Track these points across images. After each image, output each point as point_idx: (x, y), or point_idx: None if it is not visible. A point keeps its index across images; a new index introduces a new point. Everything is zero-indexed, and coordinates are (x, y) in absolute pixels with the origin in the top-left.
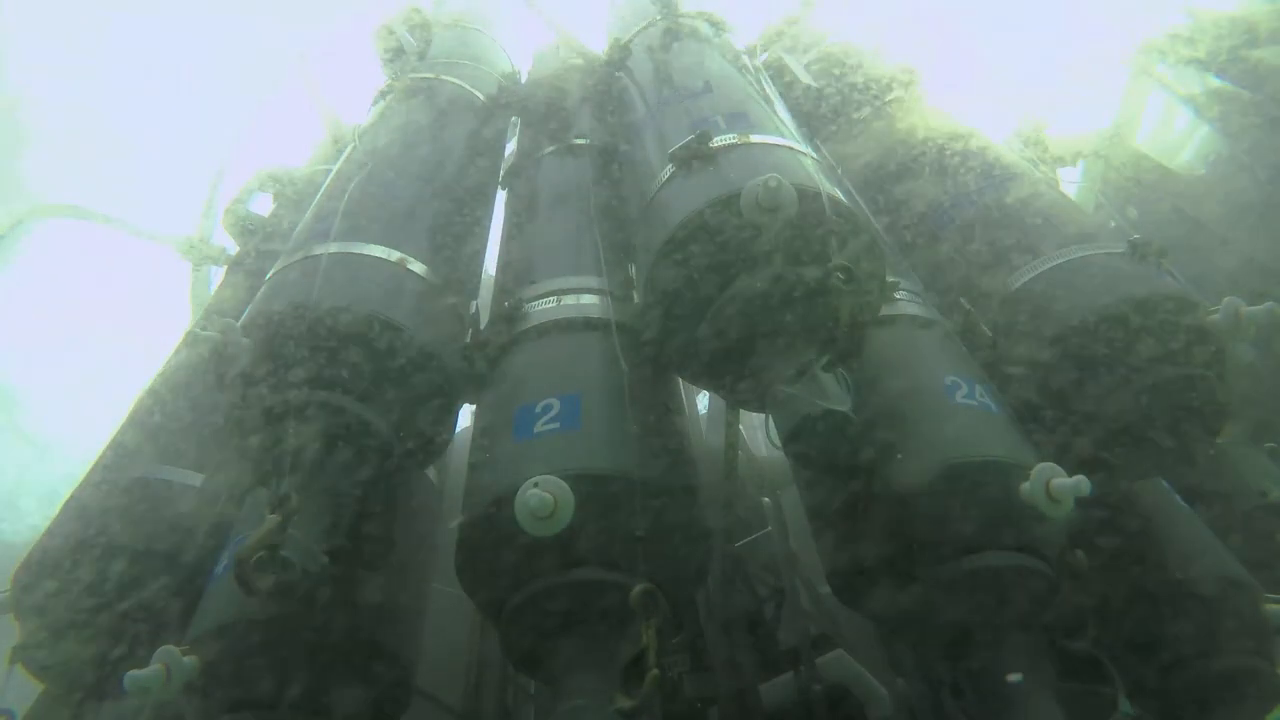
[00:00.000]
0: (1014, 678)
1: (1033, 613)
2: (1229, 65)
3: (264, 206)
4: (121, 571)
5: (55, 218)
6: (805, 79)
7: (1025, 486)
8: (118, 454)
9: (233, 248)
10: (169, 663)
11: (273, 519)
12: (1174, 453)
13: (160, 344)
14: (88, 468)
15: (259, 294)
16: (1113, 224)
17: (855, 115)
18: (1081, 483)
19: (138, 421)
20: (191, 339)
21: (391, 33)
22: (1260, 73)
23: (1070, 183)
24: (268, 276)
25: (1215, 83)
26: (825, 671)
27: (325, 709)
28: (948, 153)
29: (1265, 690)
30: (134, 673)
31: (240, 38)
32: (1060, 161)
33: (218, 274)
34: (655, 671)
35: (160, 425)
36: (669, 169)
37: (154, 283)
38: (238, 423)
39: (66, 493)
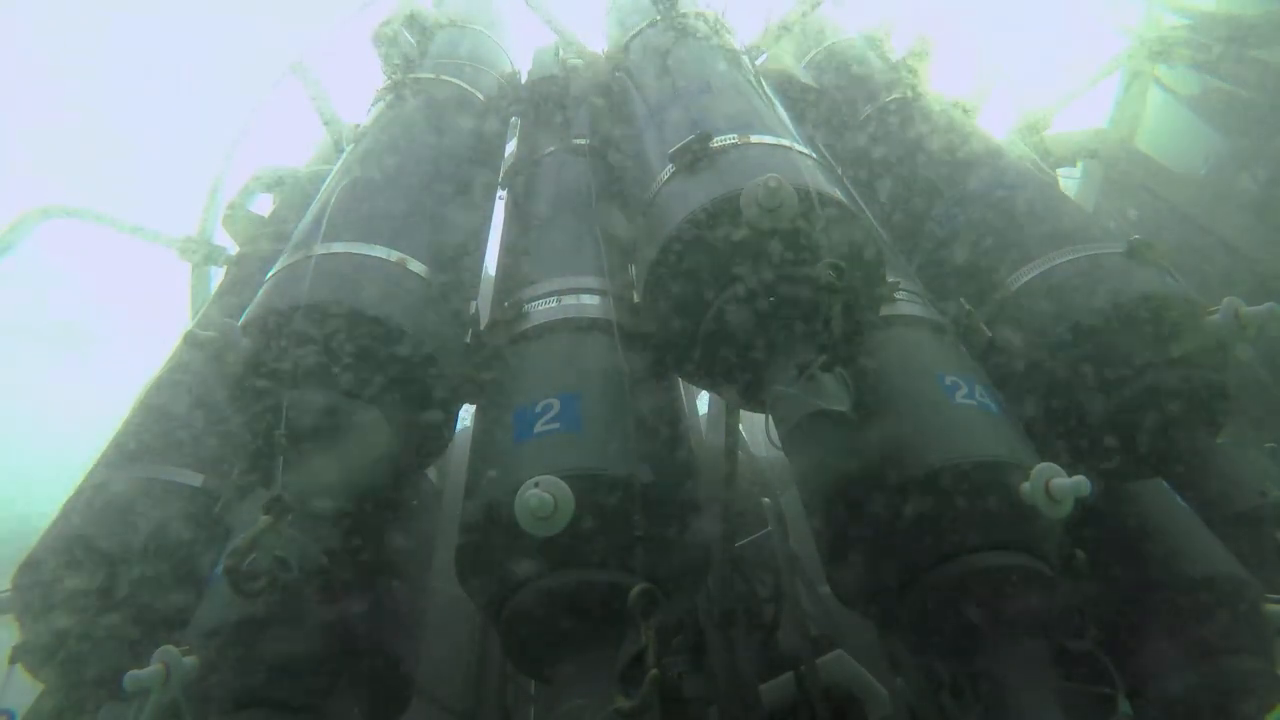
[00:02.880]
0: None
1: (1032, 612)
2: (1228, 65)
3: (264, 206)
4: (122, 572)
5: (57, 219)
6: (804, 79)
7: (1025, 487)
8: (117, 454)
9: (232, 248)
10: (169, 662)
11: (265, 520)
12: (1174, 453)
13: (160, 344)
14: (88, 468)
15: (259, 294)
16: (1112, 224)
17: (855, 115)
18: (1081, 483)
19: (137, 421)
20: (191, 339)
21: (391, 33)
22: (1259, 73)
23: (1070, 179)
24: (268, 276)
25: (1215, 83)
26: (825, 672)
27: (325, 709)
28: (947, 152)
29: (1265, 690)
30: (134, 672)
31: (240, 38)
32: (1060, 161)
33: (217, 274)
34: (655, 671)
35: (160, 425)
36: (669, 169)
37: (154, 283)
38: (236, 423)
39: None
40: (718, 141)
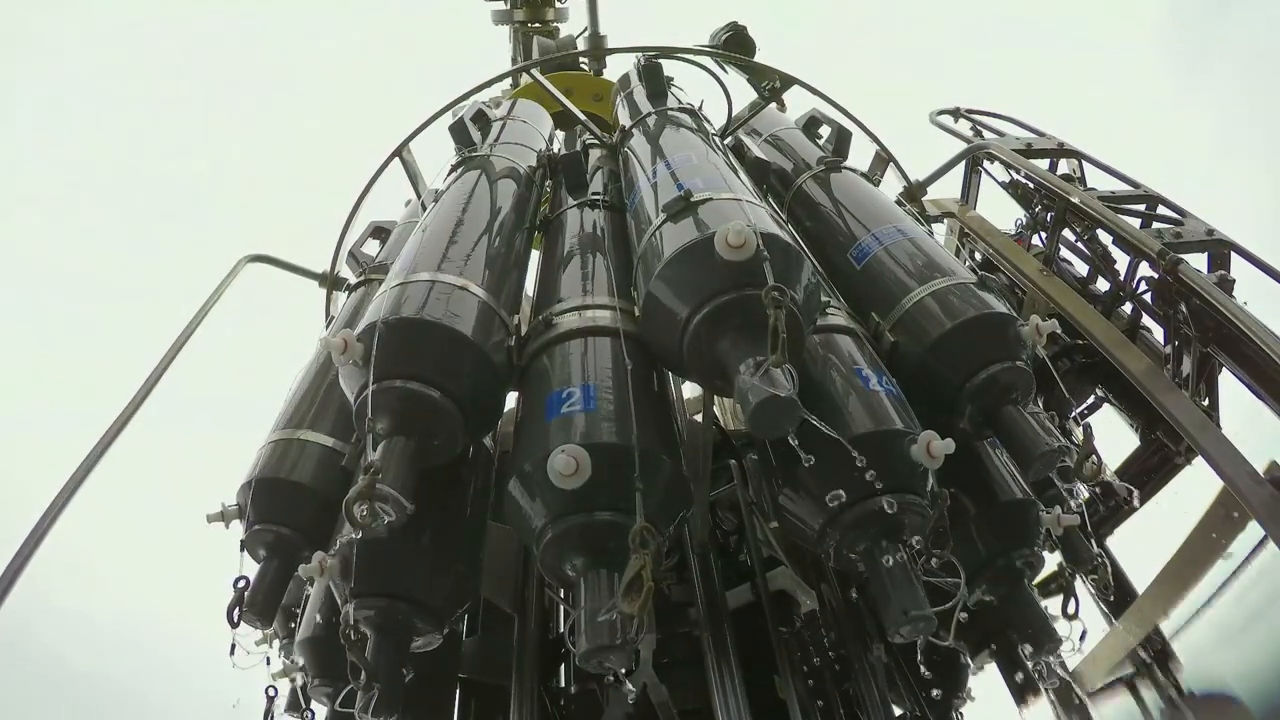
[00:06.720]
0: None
1: (913, 529)
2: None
3: (373, 249)
4: (300, 503)
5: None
6: (758, 153)
7: (914, 448)
8: (281, 419)
9: (352, 278)
10: (322, 561)
11: (367, 477)
12: (999, 418)
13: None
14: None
15: (368, 310)
16: (967, 263)
17: (794, 181)
18: (950, 443)
19: (293, 397)
20: (324, 342)
21: (462, 126)
22: None
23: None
24: (375, 297)
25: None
26: (772, 581)
27: (422, 601)
28: (860, 207)
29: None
30: (304, 566)
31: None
32: (931, 219)
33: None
34: (650, 585)
35: (306, 400)
36: (661, 217)
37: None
38: (353, 405)
39: None
40: (696, 197)
